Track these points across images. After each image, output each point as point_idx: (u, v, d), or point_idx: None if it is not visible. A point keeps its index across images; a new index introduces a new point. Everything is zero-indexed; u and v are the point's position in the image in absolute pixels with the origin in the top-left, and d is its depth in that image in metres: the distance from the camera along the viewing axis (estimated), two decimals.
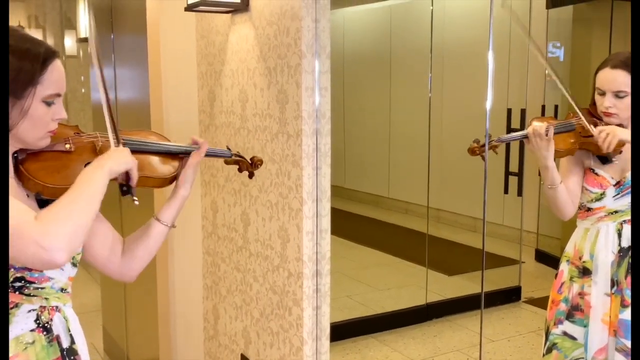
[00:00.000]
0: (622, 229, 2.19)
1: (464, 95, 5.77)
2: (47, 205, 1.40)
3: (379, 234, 6.55)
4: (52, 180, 1.37)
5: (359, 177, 7.72)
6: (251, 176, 1.81)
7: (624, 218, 2.19)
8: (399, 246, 5.85)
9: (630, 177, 2.14)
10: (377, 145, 7.44)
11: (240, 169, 1.78)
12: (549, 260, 5.28)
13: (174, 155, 1.59)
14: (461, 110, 5.79)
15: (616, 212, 2.20)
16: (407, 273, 5.18)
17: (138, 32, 3.11)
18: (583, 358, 2.22)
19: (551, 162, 2.16)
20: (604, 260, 2.20)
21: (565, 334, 2.26)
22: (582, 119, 2.19)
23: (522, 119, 4.01)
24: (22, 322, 1.35)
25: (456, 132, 5.46)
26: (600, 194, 2.21)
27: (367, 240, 6.04)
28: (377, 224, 6.91)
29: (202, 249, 3.13)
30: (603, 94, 2.18)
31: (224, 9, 2.60)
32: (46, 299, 1.39)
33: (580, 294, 2.24)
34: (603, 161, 2.21)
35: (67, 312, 1.45)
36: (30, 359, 1.36)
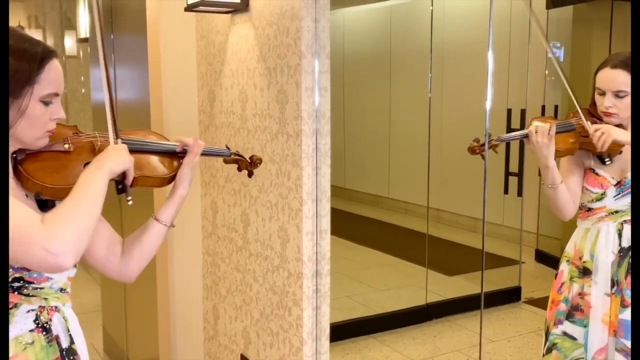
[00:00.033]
0: (622, 229, 2.19)
1: (464, 95, 5.76)
2: (45, 205, 1.40)
3: (379, 234, 6.55)
4: (51, 181, 1.37)
5: (359, 178, 7.72)
6: (250, 175, 1.81)
7: (625, 218, 2.19)
8: (399, 246, 5.85)
9: (630, 177, 2.14)
10: (377, 146, 7.43)
11: (239, 168, 1.78)
12: (549, 260, 5.27)
13: (173, 154, 1.59)
14: (461, 110, 5.79)
15: (617, 212, 2.20)
16: (407, 273, 5.18)
17: (138, 32, 3.11)
18: (583, 358, 2.22)
19: (552, 162, 2.16)
20: (604, 260, 2.19)
21: (565, 334, 2.25)
22: (581, 118, 2.19)
23: (522, 119, 4.01)
24: (21, 323, 1.35)
25: (456, 132, 5.46)
26: (601, 194, 2.21)
27: (367, 241, 6.03)
28: (377, 224, 6.90)
29: (202, 249, 3.13)
30: (603, 94, 2.18)
31: (223, 9, 2.60)
32: (45, 299, 1.39)
33: (580, 294, 2.24)
34: (603, 161, 2.21)
35: (67, 312, 1.45)
36: (29, 359, 1.36)
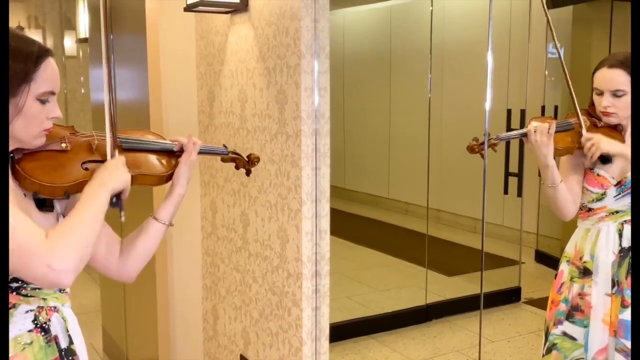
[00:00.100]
0: (622, 229, 2.19)
1: (464, 95, 5.76)
2: (44, 204, 1.41)
3: (379, 235, 6.54)
4: (48, 179, 1.37)
5: (359, 178, 7.72)
6: (248, 173, 1.81)
7: (625, 218, 2.19)
8: (398, 247, 5.85)
9: (630, 177, 2.14)
10: (377, 146, 7.43)
11: (237, 167, 1.78)
12: (549, 260, 5.27)
13: (171, 153, 1.60)
14: (461, 110, 5.79)
15: (617, 212, 2.20)
16: (406, 274, 5.18)
17: (137, 32, 3.10)
18: (583, 358, 2.21)
19: (551, 161, 2.16)
20: (605, 260, 2.19)
21: (565, 334, 2.25)
22: (579, 117, 2.19)
23: (522, 120, 4.01)
24: (19, 323, 1.35)
25: (456, 133, 5.45)
26: (601, 194, 2.21)
27: (367, 241, 6.03)
28: (377, 225, 6.90)
29: (202, 249, 3.13)
30: (601, 94, 2.18)
31: (223, 9, 2.60)
32: (44, 300, 1.39)
33: (580, 295, 2.23)
34: (603, 161, 2.21)
35: (66, 312, 1.45)
36: None
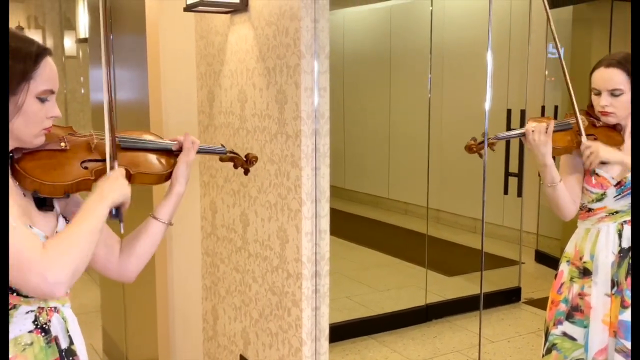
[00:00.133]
0: (622, 230, 2.19)
1: (464, 95, 5.76)
2: (44, 203, 1.41)
3: (379, 235, 6.54)
4: (48, 178, 1.38)
5: (359, 178, 7.72)
6: (246, 173, 1.81)
7: (625, 218, 2.19)
8: (398, 247, 5.85)
9: (630, 178, 2.14)
10: (377, 146, 7.43)
11: (235, 166, 1.79)
12: (549, 261, 5.27)
13: (169, 152, 1.60)
14: (461, 110, 5.79)
15: (617, 212, 2.20)
16: (406, 274, 5.18)
17: (137, 32, 3.10)
18: (583, 359, 2.21)
19: (550, 160, 2.16)
20: (605, 260, 2.19)
21: (564, 334, 2.25)
22: (578, 121, 2.18)
23: (522, 120, 4.01)
24: (20, 323, 1.35)
25: (456, 133, 5.46)
26: (601, 195, 2.21)
27: (367, 241, 6.03)
28: (376, 225, 6.90)
29: (201, 249, 3.13)
30: (599, 94, 2.18)
31: (223, 9, 2.60)
32: (44, 300, 1.38)
33: (580, 295, 2.23)
34: (602, 162, 2.20)
35: (66, 312, 1.45)
36: None
